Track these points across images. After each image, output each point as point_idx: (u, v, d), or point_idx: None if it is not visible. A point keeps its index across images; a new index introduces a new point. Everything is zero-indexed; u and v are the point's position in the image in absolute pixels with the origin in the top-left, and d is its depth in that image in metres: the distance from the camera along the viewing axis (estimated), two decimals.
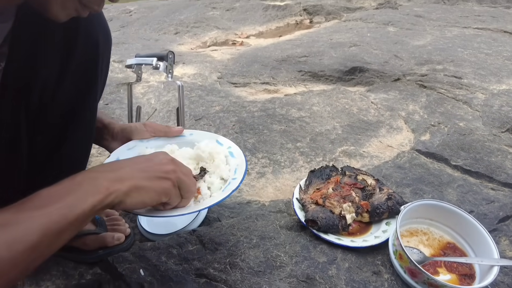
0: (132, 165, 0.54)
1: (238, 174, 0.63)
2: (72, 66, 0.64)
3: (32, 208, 0.43)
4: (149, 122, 0.79)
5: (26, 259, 0.41)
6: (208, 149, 0.69)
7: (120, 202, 0.49)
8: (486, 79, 1.77)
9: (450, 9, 3.18)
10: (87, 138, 0.73)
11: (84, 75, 0.67)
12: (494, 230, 0.89)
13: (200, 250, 0.79)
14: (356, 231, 0.87)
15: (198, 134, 0.75)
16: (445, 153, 1.20)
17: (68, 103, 0.66)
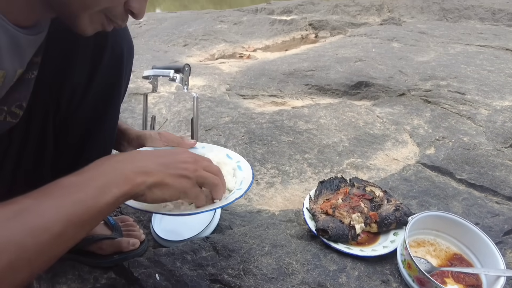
0: (155, 159, 0.53)
1: (243, 185, 0.64)
2: (98, 78, 0.68)
3: (56, 197, 0.43)
4: (164, 132, 0.82)
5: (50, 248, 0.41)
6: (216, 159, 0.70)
7: (143, 195, 0.49)
8: (489, 95, 1.80)
9: (453, 26, 3.25)
10: (109, 144, 0.76)
11: (109, 85, 0.70)
12: (500, 243, 0.91)
13: (214, 256, 0.81)
14: (365, 241, 0.89)
15: (209, 147, 0.77)
16: (450, 167, 1.23)
17: (94, 109, 0.69)
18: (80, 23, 0.50)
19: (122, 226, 0.91)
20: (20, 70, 0.53)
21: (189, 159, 0.56)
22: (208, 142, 1.39)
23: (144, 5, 0.54)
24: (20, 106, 0.59)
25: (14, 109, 0.57)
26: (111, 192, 0.45)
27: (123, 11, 0.52)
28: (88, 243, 0.84)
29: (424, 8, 3.87)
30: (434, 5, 3.84)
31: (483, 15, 3.46)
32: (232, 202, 0.60)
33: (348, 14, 4.09)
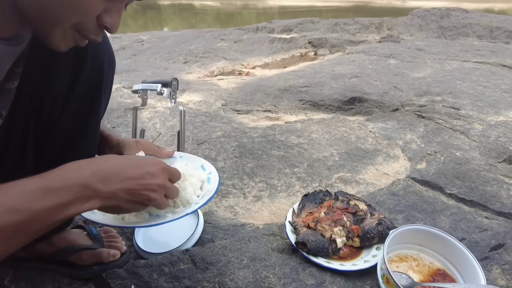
0: (123, 182, 0.53)
1: (202, 200, 0.64)
2: (79, 89, 0.70)
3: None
4: (142, 140, 0.82)
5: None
6: (185, 171, 0.69)
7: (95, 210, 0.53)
8: (483, 110, 1.80)
9: (450, 44, 3.28)
10: (90, 153, 0.77)
11: (89, 96, 0.72)
12: (486, 258, 0.89)
13: (191, 269, 0.81)
14: (347, 256, 0.88)
15: (187, 157, 0.78)
16: (440, 181, 1.22)
17: (75, 118, 0.71)
18: (52, 39, 0.52)
19: (104, 237, 0.92)
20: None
21: (155, 187, 0.57)
22: (199, 155, 1.41)
23: (117, 19, 0.55)
24: (0, 115, 0.60)
25: None
26: (70, 210, 0.48)
27: (96, 26, 0.53)
28: (69, 253, 0.84)
29: (422, 26, 3.93)
30: (432, 23, 3.89)
31: (481, 32, 3.49)
32: (181, 217, 0.61)
33: (348, 32, 4.16)
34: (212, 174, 0.69)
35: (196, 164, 0.74)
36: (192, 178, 0.67)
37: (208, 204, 1.14)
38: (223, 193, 1.19)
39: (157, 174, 0.57)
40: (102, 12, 0.52)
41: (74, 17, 0.50)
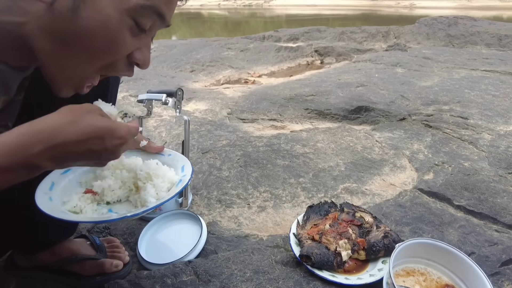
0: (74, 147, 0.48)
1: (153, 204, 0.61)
2: (83, 99, 0.70)
3: None
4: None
5: None
6: (146, 169, 0.67)
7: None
8: (492, 120, 1.77)
9: (458, 52, 3.26)
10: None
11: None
12: (496, 274, 0.86)
13: (194, 281, 0.80)
14: (353, 269, 0.86)
15: (175, 155, 0.76)
16: (448, 192, 1.20)
17: None
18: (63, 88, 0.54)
19: (107, 247, 0.92)
20: (5, 97, 0.55)
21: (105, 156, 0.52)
22: (204, 165, 1.41)
23: (148, 54, 0.55)
24: (6, 126, 0.61)
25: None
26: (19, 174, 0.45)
27: (127, 63, 0.54)
28: (71, 263, 0.84)
29: (430, 34, 3.91)
30: (440, 32, 3.87)
31: (489, 40, 3.46)
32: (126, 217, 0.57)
33: (354, 40, 4.17)
34: (185, 176, 0.67)
35: (178, 164, 0.72)
36: (157, 179, 0.64)
37: (212, 214, 1.14)
38: (227, 203, 1.19)
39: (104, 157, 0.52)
40: (133, 50, 0.52)
41: (104, 59, 0.51)
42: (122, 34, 0.49)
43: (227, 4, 34.66)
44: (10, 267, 0.88)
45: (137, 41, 0.52)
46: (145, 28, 0.51)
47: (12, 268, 0.88)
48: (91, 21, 0.46)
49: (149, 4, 0.48)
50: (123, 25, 0.49)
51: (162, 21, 0.52)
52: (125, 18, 0.48)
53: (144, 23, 0.50)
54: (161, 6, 0.50)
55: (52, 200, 0.57)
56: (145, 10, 0.49)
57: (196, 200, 1.20)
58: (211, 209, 1.16)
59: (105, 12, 0.46)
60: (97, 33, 0.47)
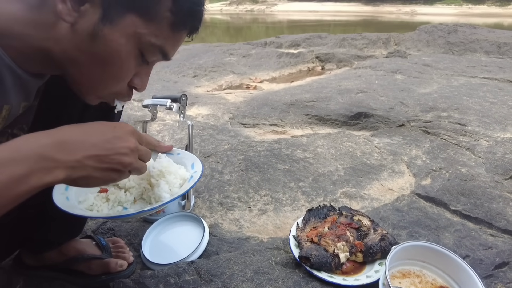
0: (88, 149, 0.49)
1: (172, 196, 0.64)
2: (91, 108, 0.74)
3: None
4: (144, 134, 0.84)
5: None
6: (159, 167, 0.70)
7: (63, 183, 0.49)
8: (490, 126, 1.80)
9: (457, 59, 3.30)
10: None
11: (102, 113, 0.76)
12: (490, 276, 0.89)
13: (196, 280, 0.82)
14: (350, 271, 0.89)
15: (184, 154, 0.78)
16: (445, 197, 1.22)
17: None
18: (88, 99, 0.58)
19: (112, 248, 0.95)
20: (25, 103, 0.59)
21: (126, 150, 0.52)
22: (206, 169, 1.44)
23: (146, 80, 0.61)
24: (22, 129, 0.64)
25: (16, 131, 0.62)
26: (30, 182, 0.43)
27: (128, 89, 0.59)
28: (78, 262, 0.87)
29: (430, 41, 3.95)
30: (439, 39, 3.92)
31: (489, 48, 3.50)
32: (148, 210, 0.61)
33: (355, 47, 4.21)
34: (196, 173, 0.70)
35: (188, 162, 0.74)
36: (170, 176, 0.67)
37: (214, 217, 1.16)
38: (228, 206, 1.22)
39: (125, 137, 0.53)
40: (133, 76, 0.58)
41: (111, 85, 0.56)
42: (129, 63, 0.55)
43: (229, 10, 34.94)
44: (18, 266, 0.91)
45: (138, 68, 0.58)
46: (148, 61, 0.57)
47: (20, 267, 0.91)
48: (107, 48, 0.51)
49: (158, 44, 0.54)
50: (131, 55, 0.54)
51: (164, 58, 0.58)
52: (134, 49, 0.54)
53: (149, 56, 0.56)
54: (168, 47, 0.56)
55: (69, 200, 0.61)
56: (153, 47, 0.55)
57: (198, 203, 1.23)
58: (213, 212, 1.19)
59: (119, 42, 0.52)
60: (109, 59, 0.53)
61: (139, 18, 0.51)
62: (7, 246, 0.85)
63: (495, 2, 31.05)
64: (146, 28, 0.52)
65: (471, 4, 31.69)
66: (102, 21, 0.50)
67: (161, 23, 0.53)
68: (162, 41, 0.55)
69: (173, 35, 0.56)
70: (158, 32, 0.53)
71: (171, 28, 0.54)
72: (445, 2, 33.27)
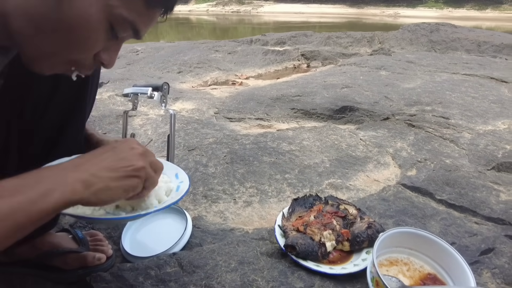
0: (99, 163, 0.52)
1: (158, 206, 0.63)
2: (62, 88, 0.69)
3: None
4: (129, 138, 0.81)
5: None
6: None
7: (87, 202, 0.50)
8: (472, 120, 1.83)
9: (440, 57, 3.36)
10: (75, 151, 0.76)
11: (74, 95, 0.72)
12: (476, 262, 0.89)
13: (178, 272, 0.79)
14: (337, 260, 0.87)
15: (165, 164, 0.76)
16: (430, 187, 1.22)
17: (58, 118, 0.70)
18: (39, 66, 0.52)
19: (90, 241, 0.90)
20: None
21: (137, 156, 0.55)
22: (190, 162, 1.40)
23: (114, 56, 0.56)
24: None
25: None
26: (52, 198, 0.45)
27: (92, 62, 0.55)
28: (52, 257, 0.82)
29: (413, 40, 4.02)
30: (422, 37, 3.99)
31: (469, 46, 3.58)
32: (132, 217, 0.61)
33: (340, 45, 4.24)
34: (183, 183, 0.68)
35: (170, 172, 0.72)
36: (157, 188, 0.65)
37: (198, 209, 1.13)
38: (213, 199, 1.18)
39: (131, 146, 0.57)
40: (101, 50, 0.53)
41: (74, 54, 0.51)
42: (98, 34, 0.51)
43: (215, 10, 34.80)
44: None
45: (108, 42, 0.53)
46: (118, 36, 0.53)
47: None
48: (74, 15, 0.47)
49: (130, 19, 0.50)
50: (101, 27, 0.50)
51: (136, 35, 0.54)
52: (105, 21, 0.50)
53: (119, 31, 0.52)
54: (139, 24, 0.52)
55: None
56: (124, 22, 0.51)
57: None
58: (197, 204, 1.15)
59: (88, 10, 0.47)
60: (76, 27, 0.48)
61: None
62: None
63: (473, 6, 32.01)
64: (118, 0, 0.49)
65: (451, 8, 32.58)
66: None
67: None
68: (134, 17, 0.51)
69: (147, 11, 0.52)
70: (131, 6, 0.50)
71: (145, 3, 0.51)
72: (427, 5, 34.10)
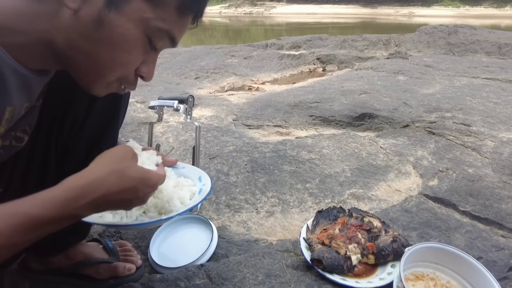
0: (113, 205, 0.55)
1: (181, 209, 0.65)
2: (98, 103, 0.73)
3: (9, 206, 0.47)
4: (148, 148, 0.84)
5: None
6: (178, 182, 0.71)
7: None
8: (495, 127, 1.80)
9: (459, 60, 3.30)
10: None
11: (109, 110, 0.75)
12: (504, 279, 0.88)
13: (207, 284, 0.81)
14: (362, 273, 0.88)
15: (189, 168, 0.79)
16: (453, 198, 1.21)
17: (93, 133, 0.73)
18: (96, 88, 0.56)
19: (120, 251, 0.93)
20: (27, 104, 0.57)
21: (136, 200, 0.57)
22: (211, 170, 1.43)
23: (152, 68, 0.59)
24: (25, 131, 0.63)
25: (19, 133, 0.61)
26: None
27: (134, 77, 0.58)
28: (85, 266, 0.85)
29: (430, 42, 3.96)
30: (440, 40, 3.92)
31: (489, 49, 3.51)
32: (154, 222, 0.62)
33: (356, 48, 4.21)
34: (205, 186, 0.70)
35: (194, 176, 0.74)
36: (181, 191, 0.67)
37: (221, 219, 1.15)
38: (236, 208, 1.20)
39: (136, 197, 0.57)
40: (140, 63, 0.56)
41: (119, 71, 0.54)
42: (137, 48, 0.53)
43: (228, 12, 35.00)
44: (24, 270, 0.89)
45: (145, 56, 0.56)
46: (156, 47, 0.55)
47: (26, 271, 0.89)
48: (114, 34, 0.50)
49: (166, 28, 0.53)
50: (139, 41, 0.52)
51: (172, 43, 0.56)
52: (142, 35, 0.52)
53: (157, 42, 0.54)
54: (175, 31, 0.54)
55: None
56: (161, 32, 0.53)
57: (204, 205, 1.22)
58: (220, 214, 1.17)
59: (126, 27, 0.50)
60: (116, 45, 0.51)
61: (145, 3, 0.50)
62: None
63: (492, 4, 31.21)
64: (152, 13, 0.51)
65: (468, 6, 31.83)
66: (108, 6, 0.48)
67: (167, 7, 0.51)
68: (169, 26, 0.53)
69: (180, 19, 0.54)
70: (165, 16, 0.52)
71: (177, 12, 0.53)
72: (442, 4, 33.41)
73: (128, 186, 0.53)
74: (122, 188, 0.53)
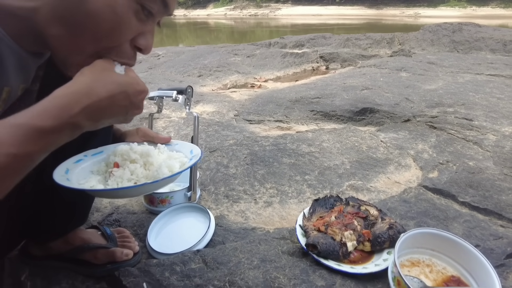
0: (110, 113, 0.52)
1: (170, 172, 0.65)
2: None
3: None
4: (142, 127, 0.84)
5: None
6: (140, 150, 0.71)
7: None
8: (497, 121, 1.78)
9: (463, 57, 3.27)
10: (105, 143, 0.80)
11: None
12: (502, 266, 0.87)
13: (202, 268, 0.82)
14: (358, 260, 0.87)
15: (182, 143, 0.79)
16: (453, 189, 1.21)
17: None
18: (72, 63, 0.53)
19: (117, 238, 0.94)
20: (23, 86, 0.58)
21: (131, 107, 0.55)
22: (211, 163, 1.44)
23: (151, 40, 0.57)
24: None
25: None
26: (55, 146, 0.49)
27: (130, 49, 0.56)
28: (83, 251, 0.87)
29: (434, 40, 3.93)
30: (444, 38, 3.90)
31: (494, 46, 3.48)
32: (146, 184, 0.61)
33: (359, 47, 4.21)
34: (196, 156, 0.70)
35: (186, 150, 0.75)
36: (170, 161, 0.67)
37: (220, 209, 1.16)
38: (234, 199, 1.21)
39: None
40: (136, 35, 0.54)
41: (108, 42, 0.52)
42: (128, 18, 0.51)
43: (233, 14, 35.14)
44: (24, 256, 0.91)
45: (142, 26, 0.54)
46: (151, 12, 0.53)
47: (26, 257, 0.91)
48: (99, 4, 0.49)
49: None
50: (129, 9, 0.51)
51: (166, 9, 0.55)
52: (132, 3, 0.51)
53: (149, 7, 0.52)
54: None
55: (70, 180, 0.60)
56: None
57: (204, 196, 1.23)
58: (219, 204, 1.18)
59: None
60: (104, 16, 0.49)
61: None
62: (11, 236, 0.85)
63: (499, 4, 30.89)
64: None
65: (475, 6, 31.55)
66: None
67: None
68: None
69: None
70: None
71: None
72: (449, 4, 33.16)
73: (117, 91, 0.51)
74: (111, 94, 0.51)
